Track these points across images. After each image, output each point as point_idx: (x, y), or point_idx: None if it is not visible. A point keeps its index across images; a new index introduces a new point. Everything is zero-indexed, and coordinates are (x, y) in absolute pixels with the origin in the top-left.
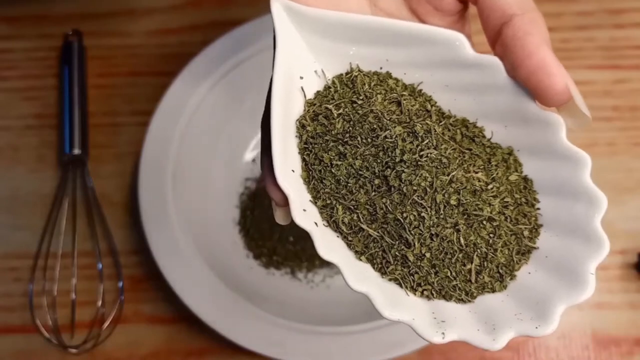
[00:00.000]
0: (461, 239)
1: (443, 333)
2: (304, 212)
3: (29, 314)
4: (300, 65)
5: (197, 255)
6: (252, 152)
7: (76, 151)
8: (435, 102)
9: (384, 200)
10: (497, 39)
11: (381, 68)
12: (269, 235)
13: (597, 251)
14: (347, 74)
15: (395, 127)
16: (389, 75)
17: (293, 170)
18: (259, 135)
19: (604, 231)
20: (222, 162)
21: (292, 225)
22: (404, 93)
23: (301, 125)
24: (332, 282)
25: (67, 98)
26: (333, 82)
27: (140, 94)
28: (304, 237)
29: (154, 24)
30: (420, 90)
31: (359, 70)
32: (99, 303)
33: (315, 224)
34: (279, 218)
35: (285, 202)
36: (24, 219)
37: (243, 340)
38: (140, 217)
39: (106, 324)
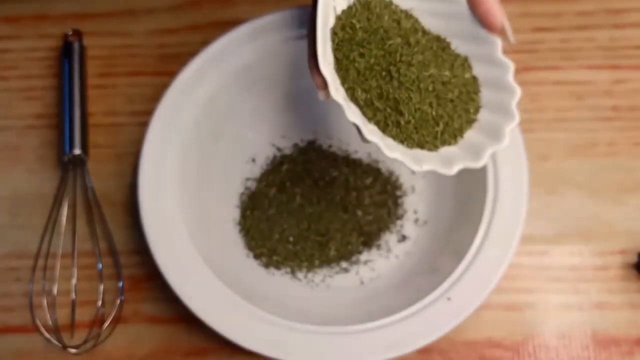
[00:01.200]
0: (433, 112)
1: (421, 166)
2: (337, 91)
3: (29, 314)
4: None
5: (197, 255)
6: (252, 152)
7: (76, 151)
8: (421, 23)
9: (387, 85)
10: None
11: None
12: (269, 235)
13: (511, 121)
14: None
15: (396, 38)
16: (391, 2)
17: (329, 64)
18: (259, 136)
19: (604, 230)
20: (222, 162)
21: (292, 224)
22: (402, 15)
23: (334, 33)
24: (332, 282)
25: (67, 98)
26: (354, 4)
27: (140, 93)
28: (304, 237)
29: (154, 23)
30: (412, 15)
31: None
32: (99, 303)
33: (344, 99)
34: (321, 96)
35: (324, 85)
36: (24, 219)
37: (243, 340)
38: (140, 217)
39: (106, 324)
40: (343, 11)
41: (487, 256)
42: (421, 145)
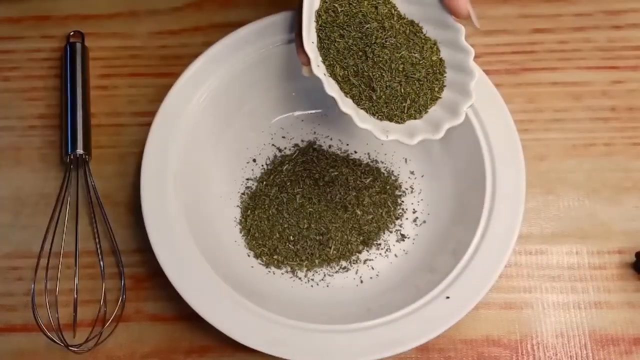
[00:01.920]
0: (402, 89)
1: (387, 136)
2: (318, 67)
3: (31, 313)
4: None
5: (199, 254)
6: (252, 152)
7: (79, 151)
8: (397, 9)
9: (363, 64)
10: None
11: None
12: (270, 235)
13: (469, 100)
14: None
15: (373, 22)
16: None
17: (313, 42)
18: (259, 136)
19: (602, 230)
20: (223, 162)
21: (293, 224)
22: (380, 1)
23: (318, 15)
24: (332, 281)
25: (70, 98)
26: None
27: (142, 94)
28: (304, 237)
29: (155, 25)
30: (389, 1)
31: None
32: (101, 302)
33: (324, 74)
34: (304, 72)
35: (308, 62)
36: (26, 219)
37: (244, 338)
38: (142, 217)
39: (108, 323)
40: None
41: (485, 255)
42: (390, 118)
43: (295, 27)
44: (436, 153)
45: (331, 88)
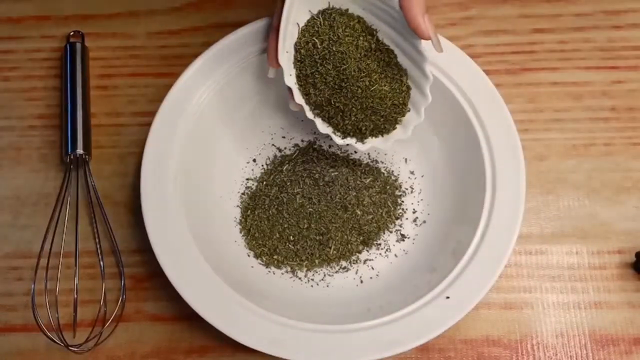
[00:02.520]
0: (367, 122)
1: (344, 141)
2: (290, 76)
3: (31, 313)
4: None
5: (199, 254)
6: (252, 152)
7: (79, 151)
8: (377, 34)
9: (336, 96)
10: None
11: (347, 10)
12: (270, 235)
13: (426, 101)
14: (327, 10)
15: (351, 61)
16: (355, 17)
17: (287, 52)
18: (259, 136)
19: (602, 230)
20: (223, 162)
21: (293, 224)
22: (362, 34)
23: (297, 49)
24: (332, 280)
25: (70, 98)
26: (318, 16)
27: (141, 94)
28: (304, 237)
29: (155, 25)
30: (370, 28)
31: (334, 9)
32: (101, 302)
33: (294, 84)
34: (270, 74)
35: (277, 66)
36: (26, 219)
37: (244, 338)
38: (142, 217)
39: (108, 323)
40: (307, 25)
41: (485, 255)
42: (351, 137)
43: (271, 39)
44: (436, 153)
45: (300, 97)
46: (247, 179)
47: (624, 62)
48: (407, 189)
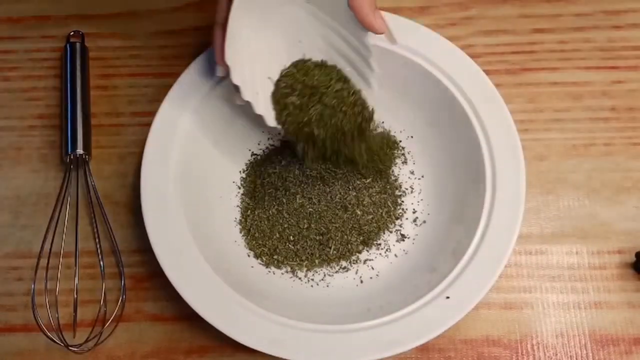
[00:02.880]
0: (335, 146)
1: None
2: (254, 93)
3: (31, 313)
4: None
5: (199, 254)
6: (253, 152)
7: (79, 151)
8: (349, 81)
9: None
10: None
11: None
12: (270, 235)
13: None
14: (302, 61)
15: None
16: (329, 66)
17: (257, 93)
18: (259, 136)
19: (602, 230)
20: (224, 162)
21: (293, 224)
22: (338, 83)
23: (276, 101)
24: (332, 280)
25: (70, 98)
26: (293, 67)
27: (141, 94)
28: (304, 237)
29: (155, 25)
30: (342, 76)
31: (310, 60)
32: (101, 302)
33: (255, 94)
34: (219, 72)
35: (225, 65)
36: (26, 219)
37: (244, 338)
38: (142, 217)
39: (108, 323)
40: (282, 72)
41: (485, 255)
42: (332, 143)
43: (217, 36)
44: (436, 153)
45: (260, 108)
46: (247, 179)
47: (624, 62)
48: (407, 189)
